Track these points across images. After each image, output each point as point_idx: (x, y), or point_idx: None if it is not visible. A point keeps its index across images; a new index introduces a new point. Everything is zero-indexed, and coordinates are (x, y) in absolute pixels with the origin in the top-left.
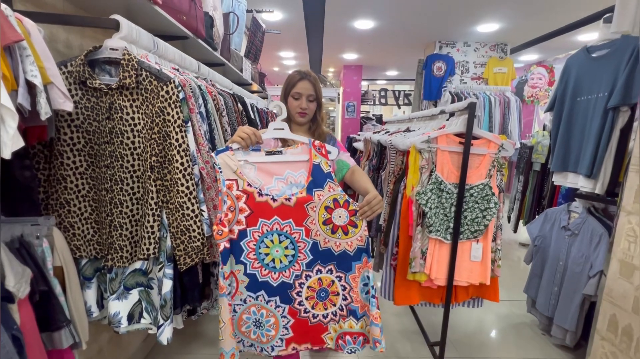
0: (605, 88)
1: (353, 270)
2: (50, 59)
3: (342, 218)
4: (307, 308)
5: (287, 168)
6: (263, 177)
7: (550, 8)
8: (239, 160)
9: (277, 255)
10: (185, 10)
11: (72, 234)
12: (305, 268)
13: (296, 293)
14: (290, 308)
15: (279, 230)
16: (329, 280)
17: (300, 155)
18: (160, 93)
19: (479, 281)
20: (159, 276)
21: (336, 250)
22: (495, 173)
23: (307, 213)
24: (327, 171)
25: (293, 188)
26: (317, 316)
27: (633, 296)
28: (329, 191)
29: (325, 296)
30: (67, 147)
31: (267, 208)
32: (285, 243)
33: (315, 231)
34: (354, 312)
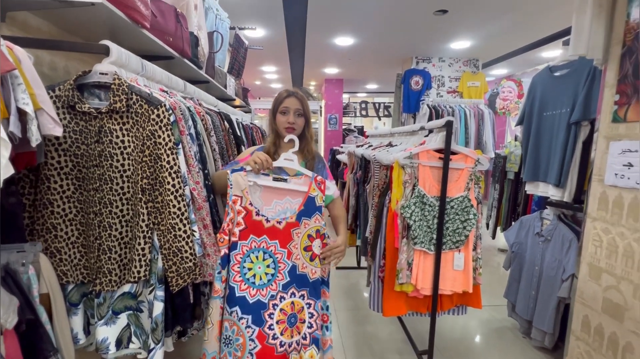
0: (567, 105)
1: (320, 296)
2: (40, 85)
3: (319, 248)
4: (277, 333)
5: (287, 195)
6: (265, 198)
7: (516, 28)
8: (249, 181)
9: (259, 272)
10: (171, 31)
11: (58, 259)
12: (282, 289)
13: (268, 315)
14: (260, 331)
15: (265, 248)
16: (300, 305)
17: (302, 186)
18: (151, 117)
19: (463, 289)
20: (150, 298)
21: (311, 277)
22: (473, 186)
23: (292, 237)
24: (318, 204)
25: (287, 212)
26: (284, 345)
27: (602, 297)
28: (315, 222)
29: (294, 323)
30: (54, 171)
31: (259, 227)
32: (267, 261)
33: (296, 255)
34: (316, 341)
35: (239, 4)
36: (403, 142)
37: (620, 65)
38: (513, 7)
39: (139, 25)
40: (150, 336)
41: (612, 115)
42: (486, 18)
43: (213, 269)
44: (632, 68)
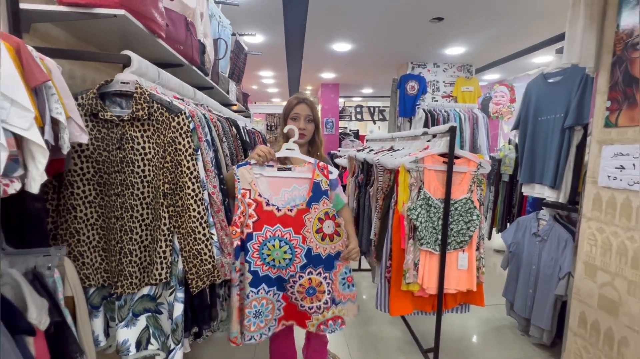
0: (561, 110)
1: (335, 267)
2: (69, 95)
3: (330, 228)
4: (297, 298)
5: (294, 183)
6: (273, 188)
7: (508, 35)
8: (255, 174)
9: (277, 257)
10: (182, 39)
11: (81, 263)
12: (299, 270)
13: (289, 286)
14: (284, 294)
15: (280, 236)
16: (317, 281)
17: (306, 173)
18: (172, 124)
19: (467, 287)
20: (170, 300)
21: (323, 255)
22: (475, 189)
23: (304, 223)
24: (324, 189)
25: (297, 200)
26: (304, 307)
27: (597, 293)
28: (323, 206)
29: (313, 293)
30: (77, 177)
31: (271, 217)
32: (284, 248)
33: (309, 239)
34: (334, 300)
35: (240, 11)
36: (405, 146)
37: (611, 73)
38: (505, 16)
39: (155, 35)
40: (170, 337)
41: (604, 121)
42: (480, 25)
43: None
44: (622, 76)
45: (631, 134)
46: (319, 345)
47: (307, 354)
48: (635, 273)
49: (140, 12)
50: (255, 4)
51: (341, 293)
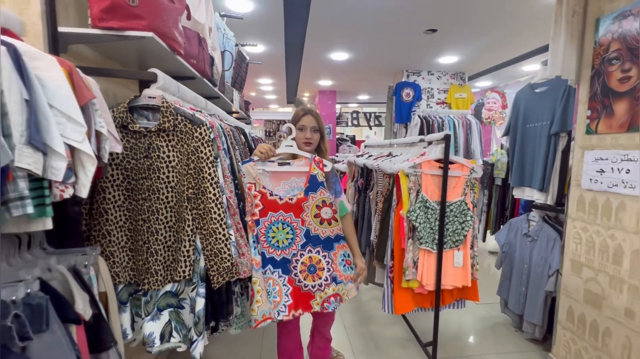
0: (547, 118)
1: (334, 248)
2: (106, 109)
3: (327, 214)
4: (300, 278)
5: (292, 176)
6: (275, 181)
7: (498, 45)
8: (258, 169)
9: (281, 238)
10: (195, 54)
11: (112, 262)
12: (300, 248)
13: (293, 267)
14: (289, 278)
15: (283, 220)
16: (317, 258)
17: (303, 167)
18: (195, 135)
19: (462, 283)
20: (192, 295)
21: (322, 236)
22: (469, 192)
23: (303, 209)
24: (320, 180)
25: (295, 190)
26: (307, 286)
27: (583, 288)
28: (320, 195)
29: (314, 271)
30: (108, 183)
31: (275, 205)
32: (286, 229)
33: (308, 222)
34: (334, 278)
35: (243, 23)
36: (403, 152)
37: (590, 85)
38: (494, 27)
39: (175, 53)
40: (192, 329)
41: (586, 128)
42: (471, 36)
43: (247, 267)
44: (600, 88)
45: (609, 141)
46: (323, 343)
47: (312, 351)
48: (616, 269)
49: (165, 33)
50: (258, 17)
51: (342, 274)
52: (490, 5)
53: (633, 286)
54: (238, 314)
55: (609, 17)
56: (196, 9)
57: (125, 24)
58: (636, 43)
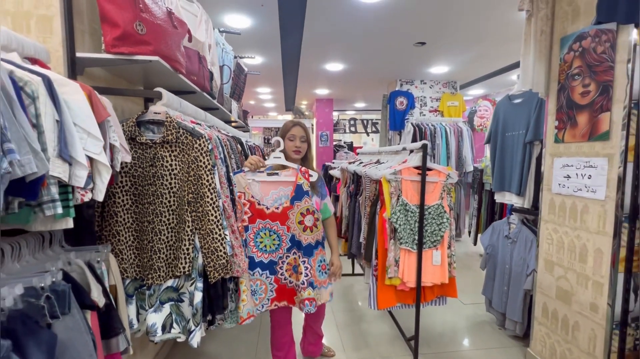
0: (523, 127)
1: (313, 255)
2: (118, 125)
3: (310, 221)
4: (286, 276)
5: (280, 185)
6: (263, 190)
7: (485, 56)
8: (248, 179)
9: (268, 243)
10: (196, 71)
11: (120, 259)
12: (286, 251)
13: (279, 267)
14: (275, 278)
15: (269, 228)
16: (298, 261)
17: (290, 177)
18: (195, 146)
19: (441, 280)
20: (191, 289)
21: (304, 243)
22: (445, 196)
23: (289, 216)
24: (305, 189)
25: (282, 199)
26: (292, 283)
27: (555, 285)
28: (305, 203)
29: (296, 271)
30: (118, 189)
31: (262, 213)
32: (273, 236)
33: (293, 228)
34: (311, 284)
35: (241, 37)
36: (389, 159)
37: (557, 98)
38: (481, 40)
39: (177, 72)
40: (191, 320)
41: (554, 137)
42: (459, 48)
43: (239, 266)
44: (566, 100)
45: (574, 149)
46: (315, 339)
47: (304, 346)
48: (582, 266)
49: (169, 56)
50: (255, 31)
51: (317, 279)
52: (475, 20)
53: (596, 282)
54: (232, 309)
55: (571, 37)
56: (197, 28)
57: (135, 50)
58: (593, 61)
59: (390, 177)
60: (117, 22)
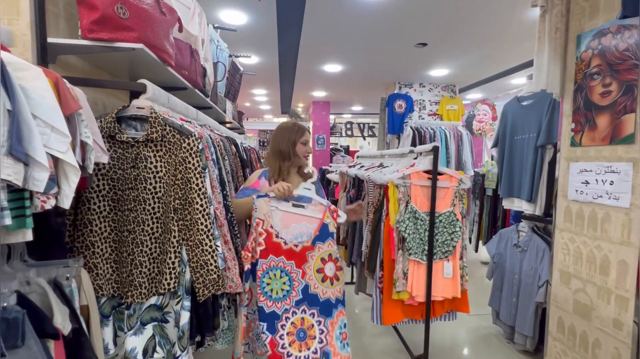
0: (533, 130)
1: (332, 316)
2: (93, 120)
3: (331, 271)
4: (285, 343)
5: (304, 220)
6: (285, 221)
7: (487, 59)
8: (272, 206)
9: (276, 287)
10: (187, 65)
11: (95, 274)
12: (294, 304)
13: (281, 326)
14: (272, 339)
15: (282, 267)
16: (309, 322)
17: (317, 213)
18: (183, 145)
19: (452, 294)
20: (177, 309)
21: (322, 297)
22: (457, 202)
23: (307, 259)
24: (331, 231)
25: (304, 236)
26: (291, 356)
27: (572, 299)
28: (328, 247)
29: (303, 338)
30: (94, 194)
31: (278, 248)
32: (284, 279)
33: (309, 276)
34: (327, 355)
35: (237, 35)
36: (394, 163)
37: (573, 99)
38: (483, 42)
39: (165, 64)
40: (176, 344)
41: (570, 140)
42: (461, 50)
43: (233, 281)
44: (583, 101)
45: (593, 153)
46: None
47: None
48: (604, 279)
49: (155, 45)
50: (252, 29)
51: (338, 352)
52: (478, 21)
53: (620, 296)
54: (225, 328)
55: (588, 34)
56: (189, 21)
57: (115, 36)
58: (615, 59)
59: (398, 181)
60: (95, 3)
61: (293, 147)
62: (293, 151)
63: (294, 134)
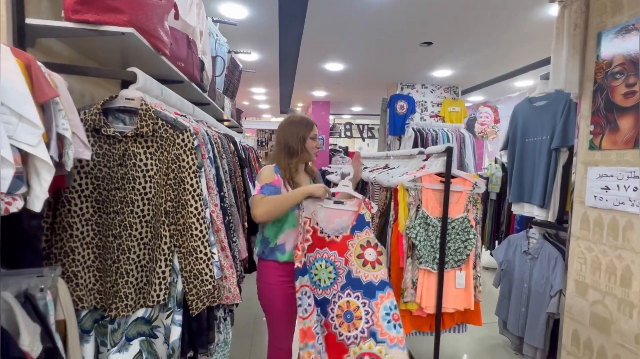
0: (547, 132)
1: (376, 297)
2: (74, 110)
3: (371, 256)
4: (336, 324)
5: (344, 214)
6: (328, 217)
7: (493, 60)
8: (317, 204)
9: (323, 276)
10: (183, 57)
11: (75, 284)
12: (340, 290)
13: (330, 309)
14: (325, 321)
15: (327, 258)
16: (355, 304)
17: (354, 207)
18: (176, 141)
19: (464, 306)
20: (167, 323)
21: (364, 280)
22: (471, 208)
23: (348, 247)
24: (367, 220)
25: (343, 228)
26: (342, 336)
27: (589, 311)
28: (365, 235)
29: (350, 319)
30: (75, 194)
31: (322, 242)
32: (329, 268)
33: (351, 262)
34: (374, 334)
35: (237, 30)
36: (401, 165)
37: (593, 100)
38: (490, 43)
39: (159, 53)
40: None
41: (589, 143)
42: (466, 51)
43: (230, 291)
44: (604, 102)
45: (614, 157)
46: None
47: None
48: (625, 291)
49: (148, 31)
50: (252, 24)
51: (385, 331)
52: (486, 20)
53: None
54: (220, 342)
55: (611, 31)
56: (187, 11)
57: (103, 18)
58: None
59: (409, 184)
60: None
61: (302, 142)
62: (302, 147)
63: (303, 129)
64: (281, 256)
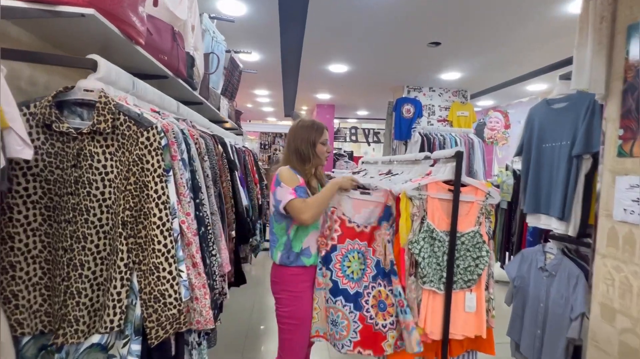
0: (567, 138)
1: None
2: (11, 101)
3: None
4: (372, 315)
5: (371, 205)
6: (355, 207)
7: (505, 62)
8: (345, 195)
9: (355, 268)
10: (167, 50)
11: (14, 306)
12: (371, 280)
13: (364, 301)
14: (360, 315)
15: (358, 249)
16: (384, 293)
17: (381, 198)
18: (140, 140)
19: (475, 333)
20: (123, 353)
21: (386, 269)
22: (484, 221)
23: (375, 237)
24: (392, 212)
25: (371, 218)
26: (378, 325)
27: (617, 340)
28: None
29: (384, 308)
30: (19, 200)
31: (352, 232)
32: (360, 259)
33: (379, 252)
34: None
35: (235, 27)
36: (405, 171)
37: (622, 100)
38: (503, 43)
39: (132, 42)
40: None
41: (617, 150)
42: (476, 52)
43: (201, 315)
44: (636, 104)
45: None
46: None
47: None
48: None
49: (115, 14)
50: (252, 21)
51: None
52: (498, 21)
53: None
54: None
55: None
56: (177, 4)
57: None
58: None
59: (412, 192)
60: None
61: (313, 147)
62: (313, 152)
63: (314, 133)
64: (307, 260)
